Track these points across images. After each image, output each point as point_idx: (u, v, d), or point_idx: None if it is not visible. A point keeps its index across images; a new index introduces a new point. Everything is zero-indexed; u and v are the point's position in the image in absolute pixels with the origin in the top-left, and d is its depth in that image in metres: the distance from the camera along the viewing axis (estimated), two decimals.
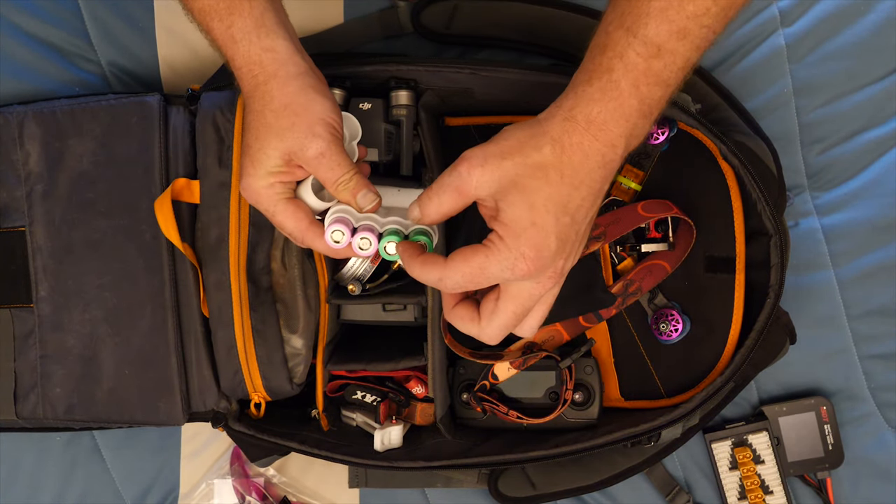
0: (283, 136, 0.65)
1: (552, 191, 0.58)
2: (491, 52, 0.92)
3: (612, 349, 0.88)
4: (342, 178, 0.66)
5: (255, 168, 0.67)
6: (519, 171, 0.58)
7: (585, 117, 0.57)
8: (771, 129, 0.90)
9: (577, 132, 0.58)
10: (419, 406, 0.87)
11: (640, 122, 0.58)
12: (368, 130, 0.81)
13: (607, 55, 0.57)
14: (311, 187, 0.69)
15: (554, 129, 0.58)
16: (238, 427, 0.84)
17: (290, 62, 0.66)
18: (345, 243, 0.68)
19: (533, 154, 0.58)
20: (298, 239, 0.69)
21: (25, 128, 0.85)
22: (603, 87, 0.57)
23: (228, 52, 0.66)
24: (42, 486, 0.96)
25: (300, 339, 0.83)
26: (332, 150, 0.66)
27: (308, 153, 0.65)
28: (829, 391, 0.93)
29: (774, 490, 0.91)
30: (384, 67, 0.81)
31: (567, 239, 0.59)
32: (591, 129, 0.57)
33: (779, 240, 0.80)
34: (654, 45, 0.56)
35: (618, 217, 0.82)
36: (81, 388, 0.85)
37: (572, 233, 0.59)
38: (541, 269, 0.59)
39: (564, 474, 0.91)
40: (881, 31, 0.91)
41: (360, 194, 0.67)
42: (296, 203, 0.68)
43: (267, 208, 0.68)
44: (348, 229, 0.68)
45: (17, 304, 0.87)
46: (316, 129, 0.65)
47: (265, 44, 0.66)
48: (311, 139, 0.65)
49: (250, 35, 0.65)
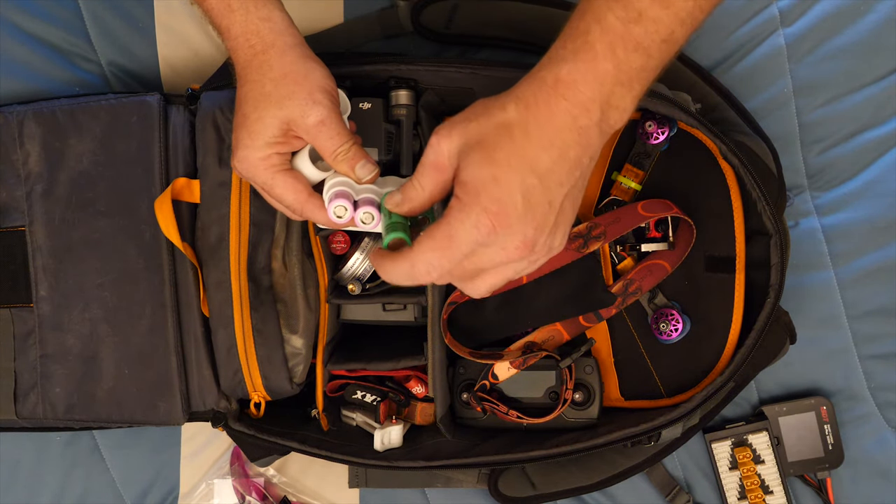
0: (283, 104, 0.65)
1: (515, 146, 0.55)
2: (491, 51, 0.93)
3: (612, 349, 0.88)
4: (341, 148, 0.66)
5: (252, 139, 0.66)
6: (482, 131, 0.56)
7: (554, 76, 0.55)
8: (771, 129, 0.90)
9: (544, 91, 0.55)
10: (419, 406, 0.87)
11: (616, 89, 0.55)
12: (368, 130, 0.81)
13: (585, 19, 0.56)
14: (308, 157, 0.68)
15: (519, 89, 0.56)
16: (238, 427, 0.84)
17: (286, 32, 0.66)
18: (347, 218, 0.67)
19: (497, 113, 0.56)
20: (298, 211, 0.69)
21: (25, 128, 0.85)
22: (576, 49, 0.55)
23: (224, 22, 0.66)
24: (42, 486, 0.96)
25: (300, 339, 0.83)
26: (332, 118, 0.66)
27: (309, 120, 0.65)
28: (829, 391, 0.93)
29: (774, 490, 0.91)
30: (384, 67, 0.81)
31: (537, 203, 0.55)
32: (559, 87, 0.55)
33: (779, 239, 0.80)
34: (634, 9, 0.55)
35: (618, 216, 0.82)
36: (81, 387, 0.85)
37: (543, 199, 0.56)
38: (505, 227, 0.55)
39: (564, 474, 0.91)
40: (881, 31, 0.91)
41: (359, 164, 0.67)
42: (294, 174, 0.68)
43: (265, 180, 0.68)
44: (350, 203, 0.67)
45: (17, 304, 0.87)
46: (316, 96, 0.65)
47: (262, 13, 0.65)
48: (312, 106, 0.65)
49: (247, 4, 0.65)
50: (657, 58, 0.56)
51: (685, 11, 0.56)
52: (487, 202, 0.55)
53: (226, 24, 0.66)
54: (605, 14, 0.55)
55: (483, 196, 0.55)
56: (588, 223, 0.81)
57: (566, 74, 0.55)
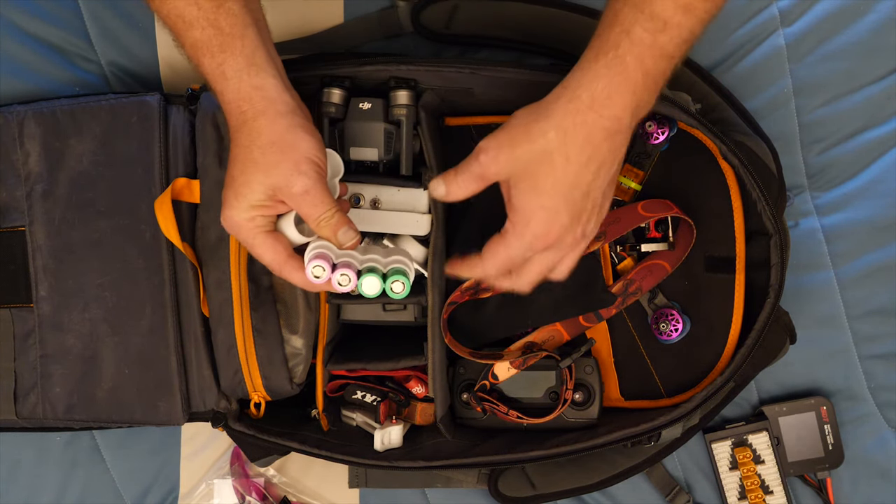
0: (270, 172, 0.67)
1: (559, 175, 0.62)
2: (491, 52, 0.92)
3: (612, 349, 0.88)
4: (324, 215, 0.68)
5: (237, 201, 0.68)
6: (527, 158, 0.62)
7: (590, 95, 0.61)
8: (771, 129, 0.90)
9: (581, 112, 0.61)
10: (419, 406, 0.87)
11: (644, 95, 0.62)
12: (368, 130, 0.81)
13: (615, 31, 0.60)
14: (292, 221, 0.70)
15: (557, 113, 0.62)
16: (238, 427, 0.84)
17: (278, 100, 0.67)
18: (325, 279, 0.70)
19: (539, 140, 0.62)
20: (276, 271, 0.71)
21: (25, 128, 0.85)
22: (608, 63, 0.61)
23: (217, 87, 0.67)
24: (42, 486, 0.96)
25: (300, 339, 0.83)
26: (316, 188, 0.67)
27: (293, 189, 0.67)
28: (829, 391, 0.93)
29: (774, 490, 0.91)
30: (384, 67, 0.81)
31: (581, 210, 0.64)
32: (595, 106, 0.61)
33: (779, 240, 0.80)
34: (660, 19, 0.59)
35: (618, 217, 0.82)
36: (81, 387, 0.85)
37: (587, 203, 0.64)
38: (557, 242, 0.65)
39: (564, 474, 0.91)
40: (881, 31, 0.91)
41: (342, 231, 0.69)
42: (275, 236, 0.70)
43: (246, 239, 0.70)
44: (328, 265, 0.70)
45: (17, 304, 0.87)
46: (302, 166, 0.67)
47: (255, 82, 0.67)
48: (297, 176, 0.66)
49: (241, 73, 0.66)
50: (679, 58, 0.62)
51: (704, 11, 0.61)
52: (538, 229, 0.64)
53: (219, 89, 0.67)
54: (632, 27, 0.60)
55: (533, 224, 0.64)
56: None
57: (601, 91, 0.61)
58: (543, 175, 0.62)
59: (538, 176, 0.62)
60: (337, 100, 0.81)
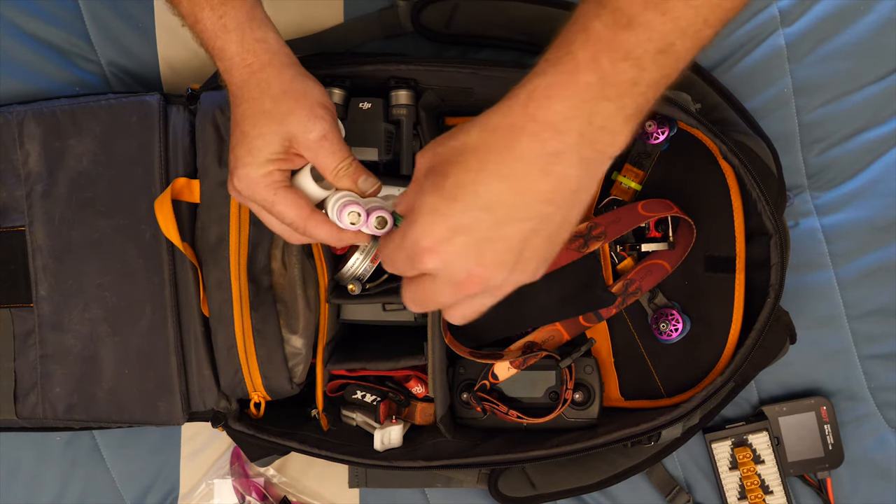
0: (285, 120, 0.65)
1: (465, 177, 0.51)
2: (491, 52, 0.93)
3: (612, 349, 0.88)
4: (342, 164, 0.66)
5: (252, 156, 0.66)
6: (443, 154, 0.52)
7: (527, 92, 0.50)
8: (771, 129, 0.90)
9: (512, 112, 0.50)
10: (419, 406, 0.87)
11: (601, 106, 0.49)
12: (368, 130, 0.81)
13: (572, 29, 0.50)
14: (310, 175, 0.69)
15: (491, 110, 0.52)
16: (238, 427, 0.84)
17: (281, 52, 0.67)
18: (361, 224, 0.67)
19: (461, 136, 0.52)
20: (300, 227, 0.67)
21: (25, 128, 0.85)
22: (556, 60, 0.50)
23: (219, 43, 0.66)
24: (42, 486, 0.96)
25: (300, 339, 0.83)
26: (333, 134, 0.66)
27: (311, 136, 0.65)
28: (829, 391, 0.93)
29: (774, 490, 0.91)
30: (384, 67, 0.81)
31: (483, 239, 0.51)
32: (529, 106, 0.50)
33: (779, 239, 0.80)
34: (624, 14, 0.48)
35: (618, 216, 0.82)
36: (81, 387, 0.85)
37: (493, 235, 0.51)
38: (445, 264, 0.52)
39: (564, 474, 0.91)
40: (881, 32, 0.91)
41: (361, 179, 0.67)
42: (295, 191, 0.68)
43: (266, 197, 0.67)
44: (363, 210, 0.67)
45: (17, 304, 0.87)
46: (317, 111, 0.66)
47: (258, 35, 0.66)
48: (314, 122, 0.65)
49: (243, 25, 0.65)
50: (652, 70, 0.49)
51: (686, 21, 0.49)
52: (419, 234, 0.52)
53: (220, 45, 0.66)
54: (591, 22, 0.49)
55: (416, 228, 0.52)
56: (588, 223, 0.81)
57: (541, 90, 0.50)
58: (449, 174, 0.51)
59: (444, 174, 0.51)
60: (337, 100, 0.81)
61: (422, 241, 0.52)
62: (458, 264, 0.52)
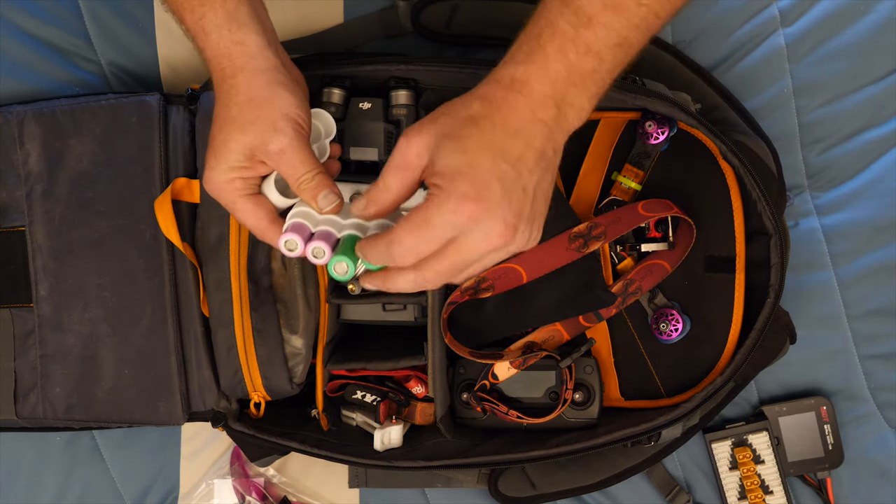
0: (246, 129, 0.65)
1: (484, 136, 0.58)
2: (491, 51, 0.92)
3: (612, 349, 0.88)
4: (304, 177, 0.65)
5: (217, 161, 0.66)
6: (451, 124, 0.59)
7: (510, 76, 0.58)
8: (771, 129, 0.90)
9: (501, 88, 0.59)
10: (419, 406, 0.87)
11: (570, 90, 0.58)
12: (368, 130, 0.81)
13: (539, 23, 0.59)
14: (274, 184, 0.68)
15: (480, 89, 0.60)
16: (238, 427, 0.84)
17: (259, 56, 0.65)
18: (298, 252, 0.67)
19: (461, 110, 0.59)
20: (259, 236, 0.69)
21: (25, 128, 0.85)
22: (529, 51, 0.58)
23: (200, 44, 0.66)
24: (42, 486, 0.96)
25: (300, 339, 0.83)
26: (294, 147, 0.65)
27: (270, 148, 0.65)
28: (829, 391, 0.93)
29: (774, 490, 0.91)
30: (384, 67, 0.81)
31: (511, 188, 0.58)
32: (515, 85, 0.58)
33: (779, 239, 0.80)
34: (584, 14, 0.57)
35: (618, 216, 0.82)
36: (81, 387, 0.85)
37: (517, 185, 0.58)
38: (487, 212, 0.57)
39: (564, 474, 0.91)
40: (881, 31, 0.91)
41: (321, 195, 0.66)
42: (256, 199, 0.68)
43: (227, 204, 0.68)
44: (302, 239, 0.67)
45: (17, 304, 0.87)
46: (279, 124, 0.65)
47: (236, 37, 0.65)
48: (273, 134, 0.64)
49: (221, 28, 0.65)
50: (610, 61, 0.59)
51: (638, 17, 0.58)
52: (466, 187, 0.57)
53: (201, 46, 0.66)
54: (556, 18, 0.58)
55: (460, 182, 0.57)
56: (588, 223, 0.81)
57: (521, 74, 0.58)
58: (469, 136, 0.58)
59: (463, 137, 0.58)
60: (337, 100, 0.81)
61: (469, 192, 0.57)
62: (497, 212, 0.57)
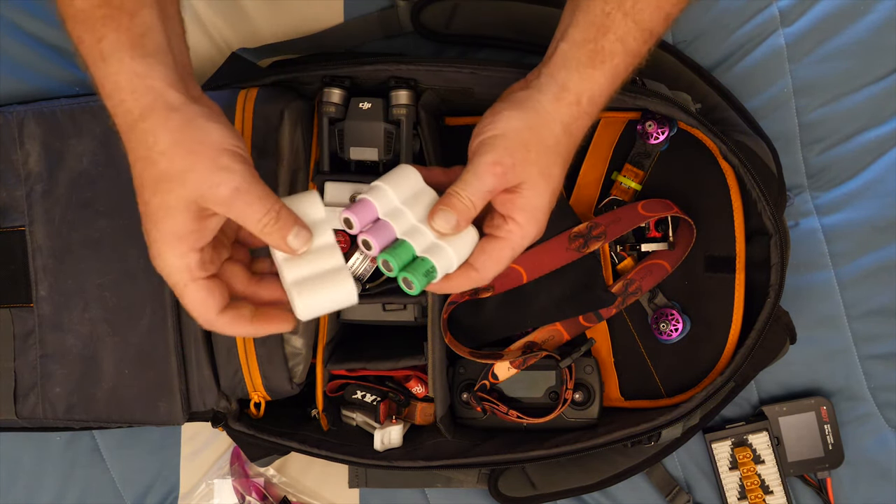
0: (185, 180, 0.54)
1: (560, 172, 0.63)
2: (491, 52, 0.93)
3: (612, 349, 0.88)
4: (267, 217, 0.56)
5: (160, 232, 0.55)
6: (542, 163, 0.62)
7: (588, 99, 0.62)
8: (771, 129, 0.90)
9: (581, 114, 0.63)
10: (419, 406, 0.87)
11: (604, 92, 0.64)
12: (368, 130, 0.81)
13: (609, 38, 0.62)
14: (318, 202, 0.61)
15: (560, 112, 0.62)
16: (238, 427, 0.84)
17: (167, 92, 0.54)
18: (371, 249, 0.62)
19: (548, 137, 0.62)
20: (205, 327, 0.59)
21: (25, 128, 0.85)
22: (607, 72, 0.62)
23: (97, 74, 0.55)
24: (42, 486, 0.96)
25: (300, 339, 0.83)
26: (247, 182, 0.55)
27: (219, 192, 0.54)
28: (829, 391, 0.93)
29: (774, 490, 0.91)
30: (384, 67, 0.81)
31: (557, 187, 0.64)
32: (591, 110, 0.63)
33: (779, 239, 0.80)
34: (646, 30, 0.63)
35: (618, 216, 0.82)
36: (81, 387, 0.85)
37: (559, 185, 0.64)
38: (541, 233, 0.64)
39: (564, 474, 0.91)
40: (881, 31, 0.91)
41: (292, 234, 0.57)
42: (207, 286, 0.57)
43: (175, 285, 0.57)
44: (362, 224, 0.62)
45: (17, 304, 0.87)
46: (221, 161, 0.54)
47: (138, 67, 0.54)
48: (219, 174, 0.54)
49: (122, 53, 0.54)
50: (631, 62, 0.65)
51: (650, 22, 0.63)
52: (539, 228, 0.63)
53: (98, 78, 0.55)
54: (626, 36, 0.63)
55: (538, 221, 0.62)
56: (588, 223, 0.81)
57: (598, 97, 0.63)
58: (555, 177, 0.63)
59: (551, 178, 0.62)
60: (337, 100, 0.81)
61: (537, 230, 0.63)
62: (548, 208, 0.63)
